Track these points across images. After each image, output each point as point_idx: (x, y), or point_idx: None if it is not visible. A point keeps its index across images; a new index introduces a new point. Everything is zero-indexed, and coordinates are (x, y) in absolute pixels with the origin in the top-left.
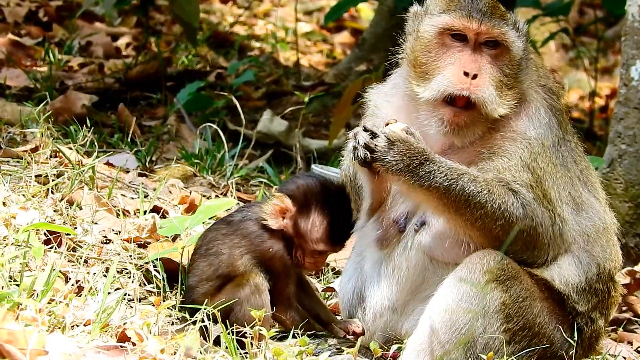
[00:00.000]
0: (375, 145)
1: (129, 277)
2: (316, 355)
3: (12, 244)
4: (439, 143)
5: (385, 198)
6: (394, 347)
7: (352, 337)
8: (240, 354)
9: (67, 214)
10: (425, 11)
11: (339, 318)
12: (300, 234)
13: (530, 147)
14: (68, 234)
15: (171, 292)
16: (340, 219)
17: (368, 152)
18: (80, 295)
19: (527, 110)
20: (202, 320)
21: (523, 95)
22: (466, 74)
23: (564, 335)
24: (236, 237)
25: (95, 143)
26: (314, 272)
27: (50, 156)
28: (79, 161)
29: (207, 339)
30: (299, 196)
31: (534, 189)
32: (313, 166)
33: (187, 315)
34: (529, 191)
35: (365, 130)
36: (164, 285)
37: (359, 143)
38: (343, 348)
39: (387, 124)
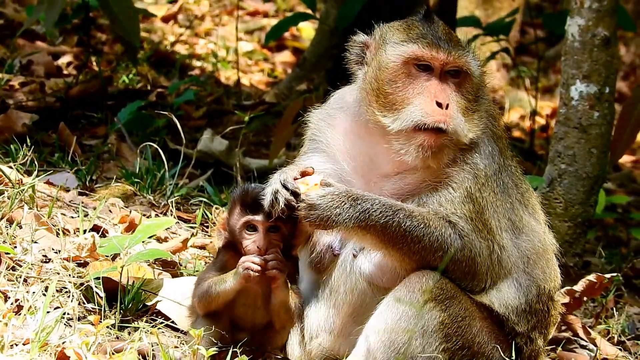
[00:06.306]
0: (299, 206)
1: (69, 296)
2: None
3: None
4: (390, 167)
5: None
6: None
7: None
8: None
9: (7, 233)
10: (383, 40)
11: None
12: (232, 232)
13: (477, 178)
14: (7, 253)
15: (110, 311)
16: (248, 190)
17: (289, 210)
18: (19, 314)
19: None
20: (141, 340)
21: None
22: (439, 104)
23: (503, 355)
24: None
25: (36, 162)
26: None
27: None
28: (19, 180)
29: (146, 358)
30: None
31: (474, 221)
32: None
33: (125, 335)
34: (467, 223)
35: (286, 188)
36: (103, 304)
37: (278, 201)
38: None
39: (303, 173)
